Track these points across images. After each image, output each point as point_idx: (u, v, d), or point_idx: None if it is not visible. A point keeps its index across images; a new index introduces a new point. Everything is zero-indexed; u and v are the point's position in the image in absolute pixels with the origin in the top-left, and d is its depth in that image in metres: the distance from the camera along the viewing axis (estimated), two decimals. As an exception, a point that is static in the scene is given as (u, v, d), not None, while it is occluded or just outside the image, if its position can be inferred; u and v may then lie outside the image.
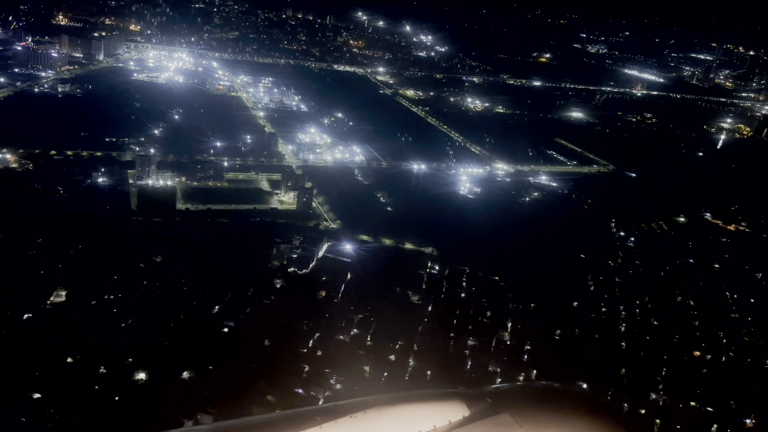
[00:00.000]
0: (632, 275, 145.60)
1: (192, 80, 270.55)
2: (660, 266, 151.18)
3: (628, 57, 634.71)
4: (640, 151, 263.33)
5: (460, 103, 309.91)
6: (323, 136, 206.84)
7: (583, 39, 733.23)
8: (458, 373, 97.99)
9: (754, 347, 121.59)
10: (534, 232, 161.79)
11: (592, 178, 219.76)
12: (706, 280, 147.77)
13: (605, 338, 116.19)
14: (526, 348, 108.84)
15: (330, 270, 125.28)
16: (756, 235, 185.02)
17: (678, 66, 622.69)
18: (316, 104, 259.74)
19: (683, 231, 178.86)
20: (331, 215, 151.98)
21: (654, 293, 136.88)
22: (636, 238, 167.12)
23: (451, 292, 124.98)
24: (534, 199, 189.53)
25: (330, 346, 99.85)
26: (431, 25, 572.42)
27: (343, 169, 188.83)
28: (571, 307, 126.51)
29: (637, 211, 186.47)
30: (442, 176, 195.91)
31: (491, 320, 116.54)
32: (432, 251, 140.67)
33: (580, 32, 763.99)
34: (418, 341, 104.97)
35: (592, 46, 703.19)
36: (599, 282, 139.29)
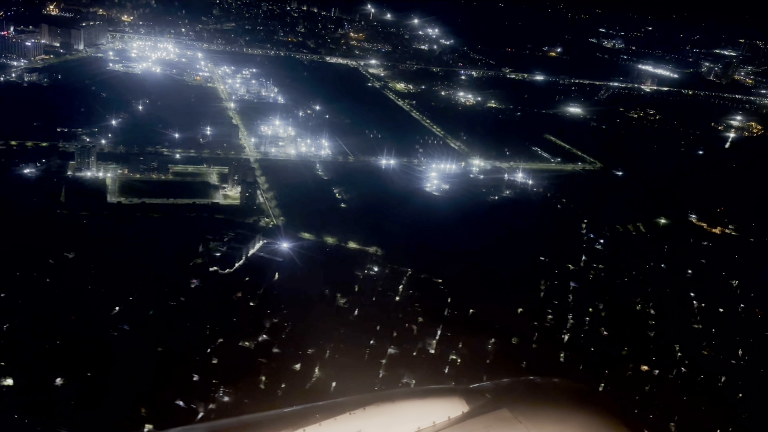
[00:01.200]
0: (591, 280, 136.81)
1: (170, 71, 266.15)
2: (625, 271, 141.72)
3: (646, 52, 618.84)
4: (633, 149, 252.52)
5: (451, 97, 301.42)
6: (288, 129, 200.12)
7: (602, 34, 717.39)
8: (368, 384, 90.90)
9: (711, 362, 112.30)
10: (495, 233, 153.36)
11: (574, 177, 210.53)
12: (674, 287, 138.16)
13: (543, 349, 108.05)
14: (450, 358, 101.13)
15: (257, 270, 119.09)
16: (742, 239, 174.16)
17: (697, 62, 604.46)
18: (295, 96, 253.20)
19: (661, 233, 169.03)
20: (276, 211, 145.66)
21: (611, 300, 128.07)
22: (606, 240, 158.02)
23: (384, 295, 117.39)
24: (504, 197, 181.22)
25: (230, 353, 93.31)
26: (442, 18, 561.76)
27: (305, 163, 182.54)
28: (514, 313, 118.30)
29: (614, 212, 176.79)
30: (410, 172, 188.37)
31: (421, 326, 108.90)
32: (376, 251, 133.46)
33: (599, 27, 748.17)
34: (332, 349, 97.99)
35: (608, 40, 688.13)
36: (552, 287, 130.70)
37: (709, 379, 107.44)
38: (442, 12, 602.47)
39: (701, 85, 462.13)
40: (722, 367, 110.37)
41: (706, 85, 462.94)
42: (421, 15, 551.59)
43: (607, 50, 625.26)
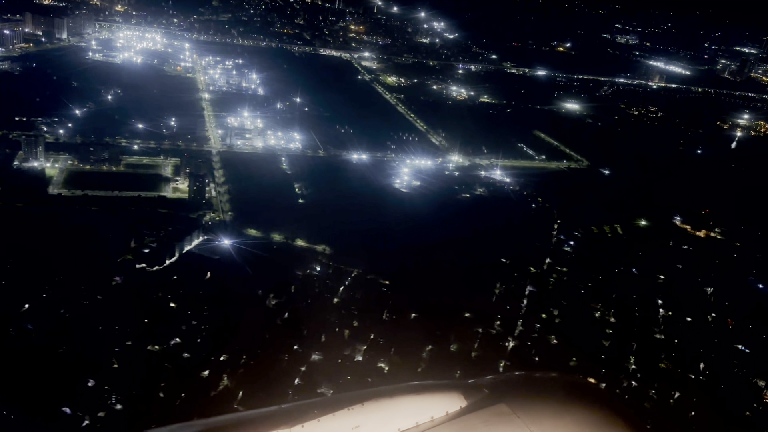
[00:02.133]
0: (552, 284, 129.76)
1: (152, 61, 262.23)
2: (590, 275, 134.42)
3: (661, 48, 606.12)
4: (626, 147, 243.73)
5: (443, 91, 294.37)
6: (256, 121, 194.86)
7: (617, 29, 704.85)
8: (282, 394, 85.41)
9: (668, 377, 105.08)
10: (459, 232, 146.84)
11: (556, 175, 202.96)
12: (642, 293, 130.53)
13: (482, 357, 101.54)
14: (377, 366, 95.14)
15: (189, 268, 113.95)
16: (728, 243, 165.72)
17: (714, 59, 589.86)
18: (278, 88, 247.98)
19: (639, 236, 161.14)
20: (227, 206, 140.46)
21: (569, 306, 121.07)
22: (576, 242, 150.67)
23: (321, 296, 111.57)
24: (477, 195, 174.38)
25: (134, 357, 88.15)
26: (451, 12, 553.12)
27: (270, 156, 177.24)
28: (461, 318, 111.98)
29: (592, 212, 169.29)
30: (382, 167, 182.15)
31: (354, 331, 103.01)
32: (324, 249, 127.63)
33: (616, 23, 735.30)
34: (249, 355, 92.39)
35: (621, 36, 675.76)
36: (508, 291, 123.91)
37: (662, 394, 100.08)
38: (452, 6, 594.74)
39: (714, 82, 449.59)
40: (678, 382, 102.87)
41: (719, 83, 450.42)
42: (429, 8, 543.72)
43: (620, 46, 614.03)
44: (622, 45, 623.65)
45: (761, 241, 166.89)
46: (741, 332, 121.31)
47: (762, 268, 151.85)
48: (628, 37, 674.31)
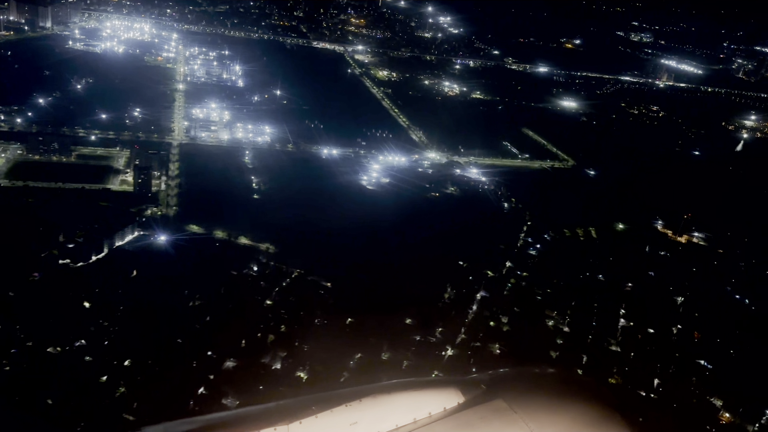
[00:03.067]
0: (508, 290, 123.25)
1: (134, 51, 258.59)
2: (552, 281, 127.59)
3: (677, 47, 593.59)
4: (618, 147, 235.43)
5: (435, 86, 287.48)
6: (224, 113, 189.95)
7: (634, 27, 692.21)
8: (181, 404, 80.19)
9: (617, 393, 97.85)
10: (420, 233, 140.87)
11: (537, 174, 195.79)
12: (605, 301, 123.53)
13: (417, 367, 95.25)
14: (296, 375, 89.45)
15: (115, 265, 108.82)
16: (710, 250, 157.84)
17: (731, 58, 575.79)
18: (260, 80, 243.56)
19: (614, 240, 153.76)
20: (174, 200, 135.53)
21: (521, 314, 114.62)
22: (544, 246, 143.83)
23: (252, 298, 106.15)
24: (447, 194, 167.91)
25: (31, 360, 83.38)
26: (461, 7, 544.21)
27: (234, 149, 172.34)
28: (402, 325, 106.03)
29: (567, 214, 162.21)
30: (352, 163, 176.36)
31: (280, 337, 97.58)
32: (268, 248, 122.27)
33: (633, 20, 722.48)
34: (153, 361, 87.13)
35: (635, 34, 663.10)
36: (460, 296, 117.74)
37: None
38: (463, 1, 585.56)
39: (727, 82, 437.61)
40: (626, 399, 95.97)
41: (732, 83, 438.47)
42: (438, 3, 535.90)
43: (632, 44, 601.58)
44: (635, 43, 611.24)
45: (747, 249, 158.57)
46: (706, 346, 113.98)
47: (743, 277, 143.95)
48: (642, 35, 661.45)
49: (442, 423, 55.37)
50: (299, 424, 50.44)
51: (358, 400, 54.48)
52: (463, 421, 54.37)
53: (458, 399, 59.29)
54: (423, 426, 55.28)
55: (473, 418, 54.25)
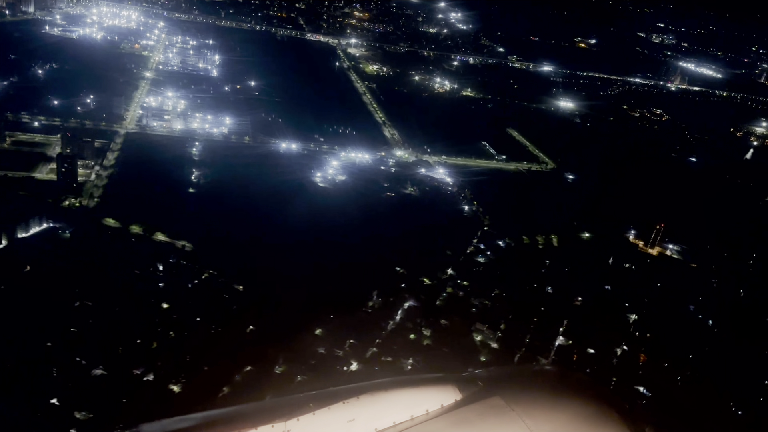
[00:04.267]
0: (442, 299, 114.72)
1: (113, 38, 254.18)
2: (493, 291, 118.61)
3: (700, 50, 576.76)
4: (607, 151, 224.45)
5: (425, 82, 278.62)
6: (180, 102, 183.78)
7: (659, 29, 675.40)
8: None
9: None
10: (362, 235, 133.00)
11: (510, 177, 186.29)
12: (547, 317, 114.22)
13: (308, 383, 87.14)
14: (170, 390, 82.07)
15: (10, 258, 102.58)
16: (682, 264, 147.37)
17: (755, 63, 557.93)
18: (237, 70, 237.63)
19: (576, 250, 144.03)
20: (98, 192, 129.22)
21: (447, 327, 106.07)
22: (496, 253, 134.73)
23: (148, 300, 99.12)
24: (405, 194, 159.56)
25: None
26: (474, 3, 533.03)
27: (184, 140, 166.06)
28: (310, 336, 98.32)
29: (531, 220, 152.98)
30: (310, 159, 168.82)
31: (160, 346, 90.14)
32: (184, 246, 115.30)
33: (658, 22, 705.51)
34: (11, 367, 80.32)
35: (657, 35, 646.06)
36: (386, 305, 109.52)
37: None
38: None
39: (746, 87, 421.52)
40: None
41: (752, 88, 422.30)
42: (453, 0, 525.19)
43: (652, 45, 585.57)
44: (655, 44, 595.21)
45: (723, 266, 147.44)
46: (650, 371, 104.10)
47: (711, 296, 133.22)
48: (664, 36, 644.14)
49: (439, 420, 55.95)
50: (297, 421, 50.91)
51: (355, 397, 54.74)
52: (461, 418, 54.95)
53: (455, 396, 59.51)
54: (420, 423, 55.77)
55: (470, 415, 54.73)
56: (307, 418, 51.10)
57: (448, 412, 56.89)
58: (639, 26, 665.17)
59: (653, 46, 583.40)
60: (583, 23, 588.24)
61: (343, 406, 52.57)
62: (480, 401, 59.05)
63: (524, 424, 58.71)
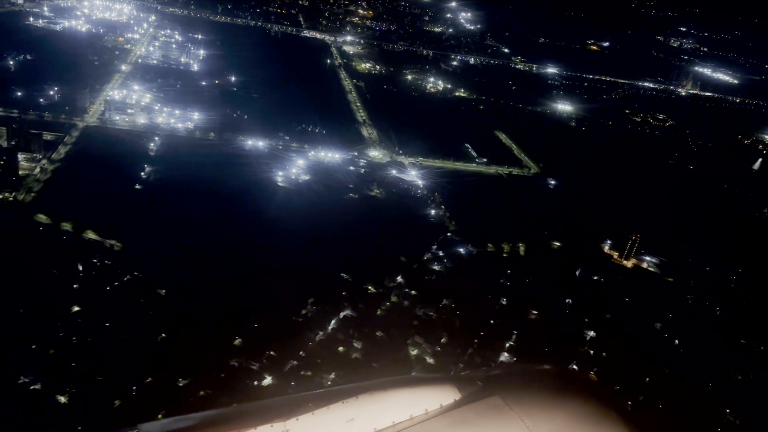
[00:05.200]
0: (384, 310, 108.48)
1: (98, 30, 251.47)
2: (440, 302, 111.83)
3: (718, 55, 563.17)
4: (599, 156, 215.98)
5: (417, 82, 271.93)
6: (146, 96, 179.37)
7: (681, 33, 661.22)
8: None
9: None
10: (313, 239, 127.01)
11: (487, 181, 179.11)
12: (494, 331, 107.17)
13: (209, 397, 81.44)
14: (56, 399, 76.61)
15: None
16: (658, 278, 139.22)
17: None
18: (218, 66, 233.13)
19: (543, 260, 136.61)
20: (36, 186, 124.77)
21: (383, 340, 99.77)
22: (453, 261, 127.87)
23: (57, 303, 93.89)
24: (369, 196, 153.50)
25: None
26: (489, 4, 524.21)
27: (143, 135, 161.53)
28: (225, 346, 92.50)
29: (501, 226, 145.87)
30: (275, 158, 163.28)
31: (64, 350, 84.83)
32: (113, 245, 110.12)
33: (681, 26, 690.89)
34: None
35: (675, 39, 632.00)
36: (320, 314, 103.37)
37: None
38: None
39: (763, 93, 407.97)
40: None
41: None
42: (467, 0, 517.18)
43: (669, 49, 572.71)
44: (672, 48, 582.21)
45: (703, 281, 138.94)
46: (599, 394, 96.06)
47: (684, 313, 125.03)
48: (683, 40, 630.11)
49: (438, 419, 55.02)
50: (296, 421, 49.86)
51: (354, 396, 52.68)
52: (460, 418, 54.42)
53: (455, 396, 58.14)
54: (419, 423, 54.54)
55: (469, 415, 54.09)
56: (306, 418, 50.52)
57: (447, 411, 55.46)
58: (659, 30, 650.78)
59: (670, 50, 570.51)
60: (599, 26, 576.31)
61: (343, 405, 50.78)
62: (479, 401, 57.52)
63: (523, 424, 57.53)
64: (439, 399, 56.63)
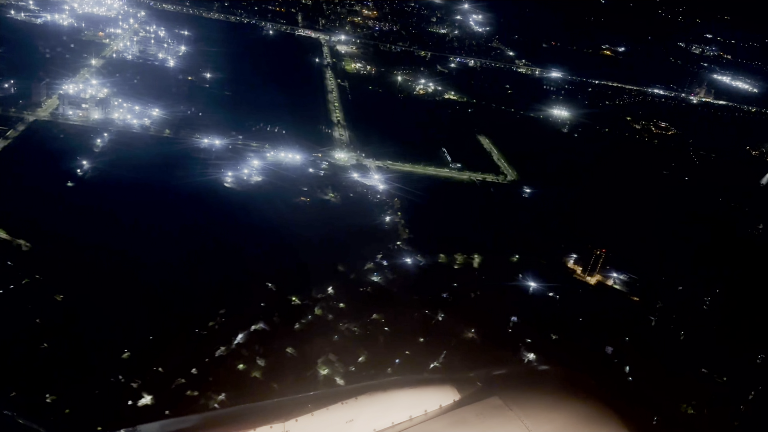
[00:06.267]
0: (303, 324, 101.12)
1: (80, 24, 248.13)
2: (371, 317, 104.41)
3: (741, 63, 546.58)
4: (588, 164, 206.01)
5: (407, 83, 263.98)
6: (104, 91, 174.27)
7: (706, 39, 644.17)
8: None
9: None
10: (245, 242, 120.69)
11: (457, 187, 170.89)
12: (422, 350, 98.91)
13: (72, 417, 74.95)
14: None
15: None
16: (621, 296, 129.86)
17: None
18: (197, 62, 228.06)
19: (497, 273, 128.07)
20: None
21: (295, 358, 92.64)
22: (395, 272, 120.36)
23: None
24: (321, 200, 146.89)
25: None
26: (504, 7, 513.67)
27: (91, 131, 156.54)
28: (114, 359, 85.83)
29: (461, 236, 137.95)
30: (230, 157, 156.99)
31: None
32: (21, 245, 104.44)
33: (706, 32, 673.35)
34: None
35: (697, 46, 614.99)
36: (229, 327, 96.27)
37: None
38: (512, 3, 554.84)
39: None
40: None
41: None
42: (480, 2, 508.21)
43: (690, 56, 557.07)
44: (693, 55, 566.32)
45: (672, 301, 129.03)
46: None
47: (642, 336, 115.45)
48: (706, 47, 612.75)
49: (437, 420, 56.43)
50: (295, 422, 51.28)
51: (354, 397, 54.22)
52: (459, 419, 55.78)
53: (454, 396, 59.66)
54: (419, 423, 56.09)
55: (469, 416, 55.30)
56: (305, 419, 51.56)
57: (446, 412, 56.88)
58: (681, 36, 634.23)
59: (690, 56, 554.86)
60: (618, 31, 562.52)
61: (342, 406, 52.09)
62: (478, 401, 59.14)
63: (523, 425, 59.18)
64: (438, 400, 57.89)
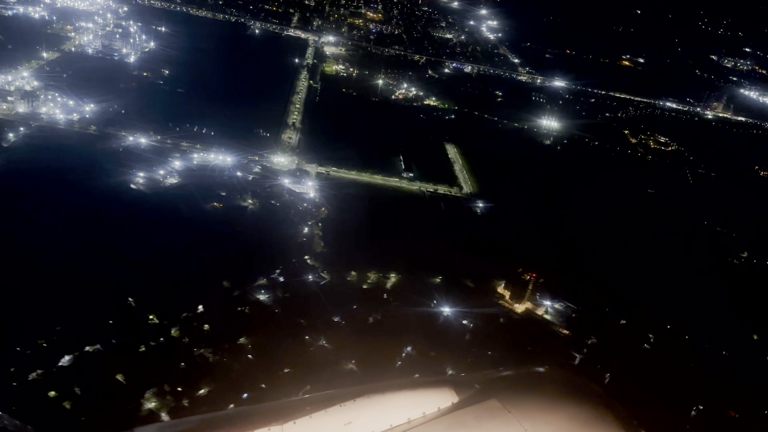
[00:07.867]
0: (151, 346, 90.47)
1: (51, 18, 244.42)
2: (238, 341, 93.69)
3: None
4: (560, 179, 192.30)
5: (387, 87, 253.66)
6: (33, 83, 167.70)
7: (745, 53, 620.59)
8: None
9: None
10: (128, 252, 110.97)
11: (398, 199, 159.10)
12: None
13: None
14: None
15: None
16: (547, 329, 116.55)
17: None
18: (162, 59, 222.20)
19: (410, 296, 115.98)
20: None
21: (122, 386, 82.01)
22: (292, 290, 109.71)
23: None
24: (235, 207, 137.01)
25: None
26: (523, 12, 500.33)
27: (10, 124, 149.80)
28: None
29: (382, 253, 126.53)
30: (150, 157, 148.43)
31: None
32: None
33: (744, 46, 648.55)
34: None
35: (730, 59, 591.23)
36: (61, 348, 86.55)
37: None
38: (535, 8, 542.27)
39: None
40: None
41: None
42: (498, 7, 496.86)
43: (719, 69, 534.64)
44: (724, 68, 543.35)
45: (610, 338, 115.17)
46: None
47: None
48: (741, 61, 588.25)
49: (436, 423, 55.85)
50: (293, 424, 50.90)
51: (352, 400, 53.81)
52: (457, 421, 55.39)
53: (452, 399, 59.05)
54: (417, 426, 55.42)
55: (467, 418, 54.94)
56: (303, 421, 51.40)
57: (444, 414, 56.26)
58: (715, 49, 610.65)
59: (720, 70, 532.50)
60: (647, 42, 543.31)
61: (340, 408, 51.61)
62: (477, 404, 58.53)
63: (521, 427, 58.36)
64: (436, 402, 56.30)
